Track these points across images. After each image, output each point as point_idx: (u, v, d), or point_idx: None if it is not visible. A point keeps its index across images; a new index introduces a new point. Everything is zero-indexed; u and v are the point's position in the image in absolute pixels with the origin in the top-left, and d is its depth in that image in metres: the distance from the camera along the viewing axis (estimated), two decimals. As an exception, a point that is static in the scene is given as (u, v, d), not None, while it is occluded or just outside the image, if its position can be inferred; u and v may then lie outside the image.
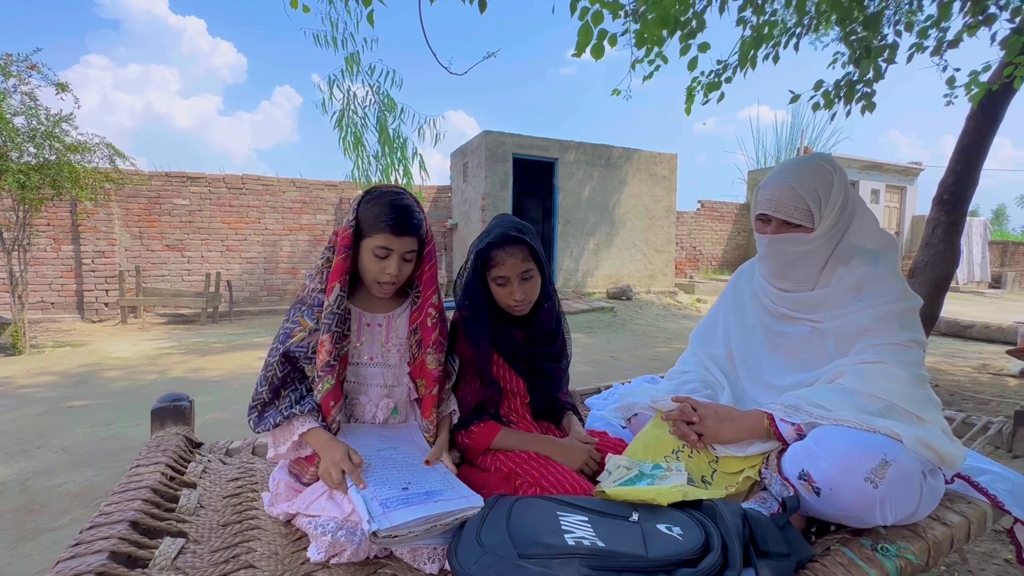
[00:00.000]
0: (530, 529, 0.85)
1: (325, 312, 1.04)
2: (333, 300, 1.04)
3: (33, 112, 5.19)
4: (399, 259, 1.06)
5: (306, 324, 1.06)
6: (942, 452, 0.92)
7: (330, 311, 1.04)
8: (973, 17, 2.66)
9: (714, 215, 12.58)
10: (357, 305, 1.14)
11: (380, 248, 1.05)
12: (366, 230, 1.06)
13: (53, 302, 7.68)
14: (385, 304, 1.16)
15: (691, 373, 1.32)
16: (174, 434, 1.35)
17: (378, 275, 1.07)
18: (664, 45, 2.72)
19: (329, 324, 1.03)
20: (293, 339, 1.06)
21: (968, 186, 3.44)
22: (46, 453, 2.73)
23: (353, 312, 1.13)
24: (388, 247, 1.05)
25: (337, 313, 1.05)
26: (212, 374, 4.49)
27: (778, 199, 1.13)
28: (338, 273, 1.05)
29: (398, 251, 1.06)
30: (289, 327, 1.08)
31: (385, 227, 1.03)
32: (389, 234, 1.04)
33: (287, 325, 1.08)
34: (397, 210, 1.04)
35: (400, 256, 1.06)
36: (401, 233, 1.04)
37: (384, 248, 1.05)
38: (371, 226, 1.05)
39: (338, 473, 0.95)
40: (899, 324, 1.05)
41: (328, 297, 1.05)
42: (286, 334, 1.07)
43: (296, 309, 1.09)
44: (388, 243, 1.04)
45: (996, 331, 6.42)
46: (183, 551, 0.90)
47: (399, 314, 1.17)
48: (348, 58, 6.58)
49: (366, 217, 1.05)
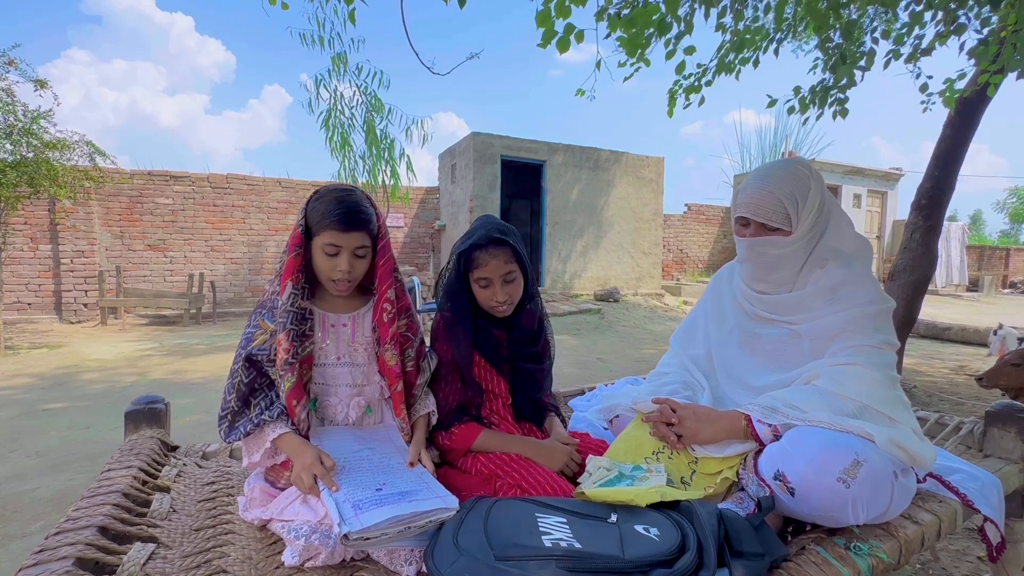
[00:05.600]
0: (508, 531, 0.85)
1: (279, 311, 1.04)
2: (286, 298, 1.04)
3: (10, 108, 5.09)
4: (350, 255, 1.06)
5: (266, 327, 1.06)
6: (913, 452, 0.94)
7: (284, 310, 1.04)
8: (945, 26, 2.72)
9: (701, 218, 12.71)
10: (322, 307, 1.14)
11: (329, 245, 1.05)
12: (314, 228, 1.06)
13: (30, 303, 7.51)
14: (349, 304, 1.16)
15: (671, 375, 1.33)
16: (148, 437, 1.32)
17: (330, 273, 1.07)
18: (650, 48, 2.73)
19: (284, 323, 1.03)
20: (255, 343, 1.06)
21: (946, 191, 3.51)
22: (19, 457, 2.67)
23: (317, 314, 1.13)
24: (336, 244, 1.05)
25: (291, 311, 1.04)
26: (193, 376, 4.42)
27: (757, 203, 1.14)
28: (289, 271, 1.05)
29: (347, 247, 1.06)
30: (251, 331, 1.08)
31: (332, 223, 1.03)
32: (336, 230, 1.04)
33: (248, 330, 1.08)
34: (343, 205, 1.04)
35: (351, 252, 1.06)
36: (348, 228, 1.04)
37: (333, 245, 1.05)
38: (318, 224, 1.05)
39: (310, 478, 0.94)
40: (873, 326, 1.07)
41: (282, 296, 1.05)
42: (248, 338, 1.07)
43: (257, 313, 1.09)
44: (336, 239, 1.04)
45: (973, 333, 6.57)
46: (153, 556, 0.88)
47: (364, 313, 1.16)
48: (335, 58, 6.54)
49: (313, 215, 1.06)
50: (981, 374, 2.33)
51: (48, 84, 5.26)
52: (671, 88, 3.08)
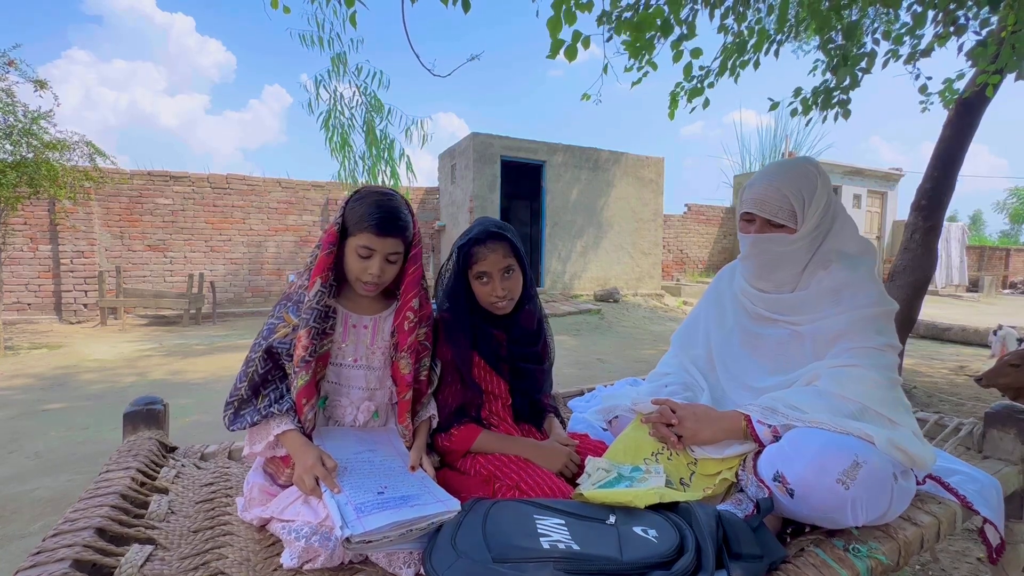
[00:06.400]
0: (506, 533, 0.84)
1: (305, 307, 1.04)
2: (313, 295, 1.04)
3: (10, 109, 5.09)
4: (382, 260, 1.06)
5: (290, 320, 1.06)
6: (912, 454, 0.94)
7: (309, 306, 1.04)
8: (944, 27, 2.72)
9: (701, 218, 12.71)
10: (345, 306, 1.13)
11: (363, 247, 1.05)
12: (351, 229, 1.06)
13: (30, 303, 7.50)
14: (372, 306, 1.16)
15: (671, 375, 1.33)
16: (147, 438, 1.32)
17: (360, 274, 1.07)
18: (655, 52, 2.73)
19: (308, 319, 1.03)
20: (277, 334, 1.05)
21: (945, 192, 3.51)
22: (18, 458, 2.66)
23: (340, 313, 1.12)
24: (370, 247, 1.05)
25: (316, 308, 1.04)
26: (193, 377, 4.41)
27: (763, 198, 1.14)
28: (320, 269, 1.05)
29: (380, 251, 1.06)
30: (273, 322, 1.07)
31: (369, 227, 1.03)
32: (372, 234, 1.04)
33: (271, 320, 1.08)
34: (382, 210, 1.05)
35: (383, 257, 1.06)
36: (384, 234, 1.04)
37: (367, 248, 1.05)
38: (355, 225, 1.05)
39: (311, 480, 0.94)
40: (875, 328, 1.07)
41: (309, 292, 1.04)
42: (270, 329, 1.07)
43: (282, 305, 1.09)
44: (371, 243, 1.04)
45: (973, 334, 6.57)
46: (151, 558, 0.87)
47: (386, 316, 1.16)
48: (334, 58, 6.54)
49: (351, 216, 1.06)
50: (980, 374, 2.32)
51: (48, 84, 5.26)
52: (672, 90, 3.08)
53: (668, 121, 6.33)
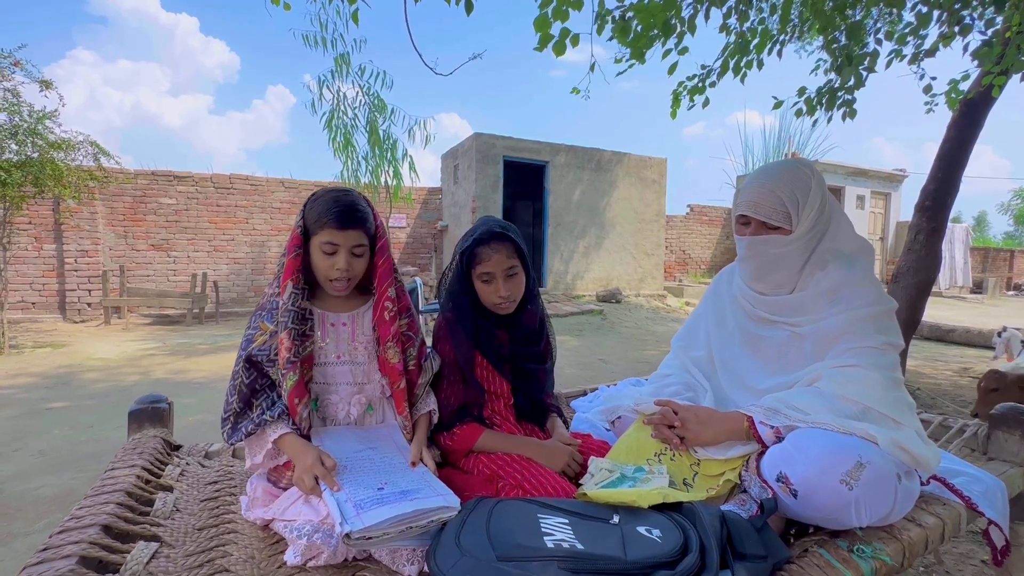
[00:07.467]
0: (510, 531, 0.85)
1: (280, 311, 1.06)
2: (287, 298, 1.06)
3: (15, 109, 5.11)
4: (347, 253, 1.08)
5: (266, 328, 1.08)
6: (916, 455, 0.94)
7: (285, 309, 1.06)
8: (949, 28, 2.71)
9: (703, 219, 12.69)
10: (321, 307, 1.15)
11: (327, 244, 1.07)
12: (312, 229, 1.08)
13: (34, 302, 7.54)
14: (348, 304, 1.18)
15: (673, 376, 1.33)
16: (151, 436, 1.33)
17: (328, 271, 1.09)
18: (651, 48, 2.73)
19: (285, 321, 1.05)
20: (255, 344, 1.07)
21: (949, 193, 3.50)
22: (23, 456, 2.68)
23: (317, 314, 1.14)
24: (334, 242, 1.07)
25: (292, 310, 1.06)
26: (196, 376, 4.43)
27: (757, 201, 1.14)
28: (290, 272, 1.07)
29: (344, 245, 1.07)
30: (251, 333, 1.10)
31: (328, 222, 1.05)
32: (333, 228, 1.06)
33: (248, 332, 1.10)
34: (339, 204, 1.07)
35: (348, 251, 1.08)
36: (344, 227, 1.06)
37: (330, 243, 1.07)
38: (316, 223, 1.07)
39: (311, 479, 0.95)
40: (874, 328, 1.07)
41: (282, 297, 1.06)
42: (248, 340, 1.09)
43: (257, 316, 1.11)
44: (333, 238, 1.06)
45: (977, 335, 6.54)
46: (156, 555, 0.88)
47: (363, 312, 1.18)
48: (338, 58, 6.56)
49: (311, 216, 1.08)
50: (974, 410, 2.43)
51: (53, 85, 5.28)
52: (675, 89, 3.08)
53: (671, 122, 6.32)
